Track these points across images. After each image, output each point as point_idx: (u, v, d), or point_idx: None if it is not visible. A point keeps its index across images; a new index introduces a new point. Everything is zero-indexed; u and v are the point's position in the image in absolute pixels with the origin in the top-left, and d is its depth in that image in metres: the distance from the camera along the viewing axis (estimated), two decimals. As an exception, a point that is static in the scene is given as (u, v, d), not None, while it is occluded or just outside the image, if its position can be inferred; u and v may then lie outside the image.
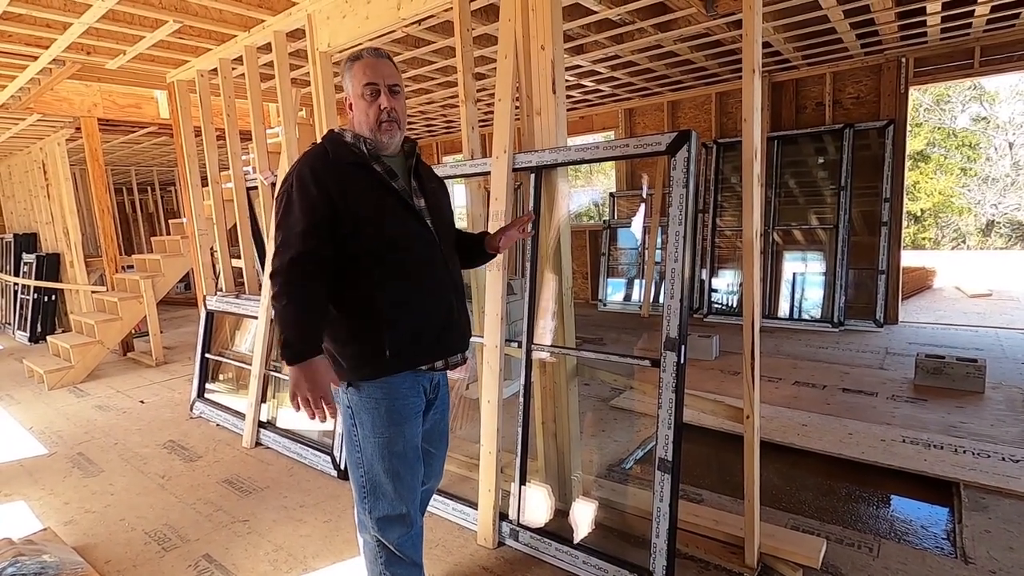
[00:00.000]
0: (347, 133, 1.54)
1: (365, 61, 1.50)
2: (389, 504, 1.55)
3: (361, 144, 1.51)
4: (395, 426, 1.51)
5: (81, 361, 4.96)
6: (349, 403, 1.54)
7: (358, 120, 1.53)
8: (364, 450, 1.54)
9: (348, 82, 1.52)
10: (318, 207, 1.41)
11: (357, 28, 2.89)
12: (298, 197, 1.42)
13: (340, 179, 1.44)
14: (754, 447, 1.85)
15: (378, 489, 1.54)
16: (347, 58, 1.54)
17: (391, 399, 1.50)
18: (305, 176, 1.44)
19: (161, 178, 10.45)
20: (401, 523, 1.57)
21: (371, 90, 1.49)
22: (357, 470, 1.57)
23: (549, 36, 2.14)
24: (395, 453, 1.52)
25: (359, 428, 1.53)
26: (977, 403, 3.38)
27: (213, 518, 2.54)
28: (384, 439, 1.51)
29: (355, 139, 1.52)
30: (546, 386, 2.36)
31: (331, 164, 1.47)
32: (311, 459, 3.00)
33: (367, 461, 1.54)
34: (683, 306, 1.78)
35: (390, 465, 1.52)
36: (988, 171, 16.53)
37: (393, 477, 1.53)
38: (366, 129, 1.52)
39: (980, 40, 4.75)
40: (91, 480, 3.00)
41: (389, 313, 1.47)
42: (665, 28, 4.07)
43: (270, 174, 3.63)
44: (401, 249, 1.49)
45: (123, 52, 3.69)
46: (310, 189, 1.42)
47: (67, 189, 6.17)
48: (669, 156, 1.84)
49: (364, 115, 1.51)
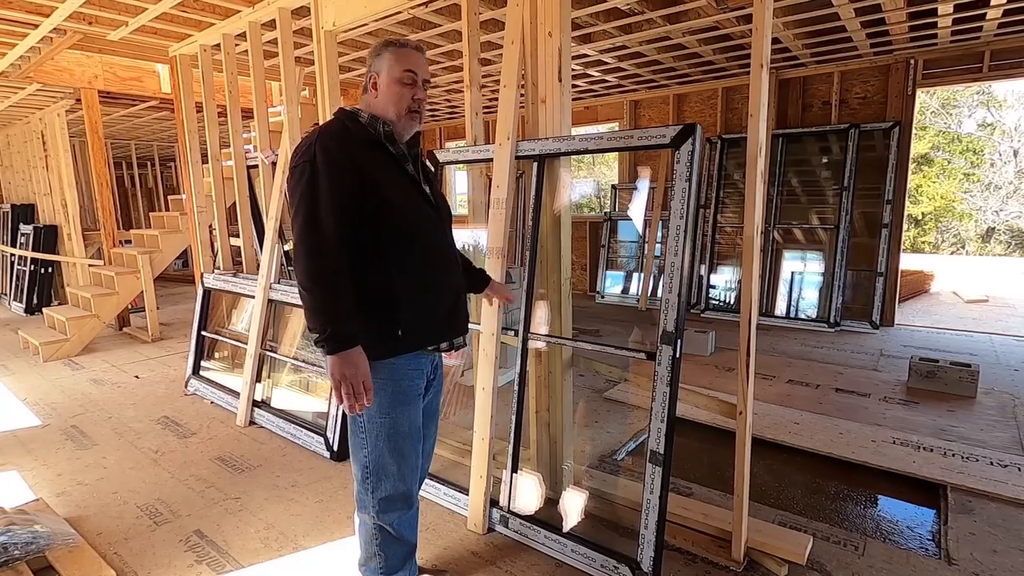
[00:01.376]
0: (362, 113, 1.52)
1: (409, 50, 1.52)
2: (392, 484, 1.57)
3: (379, 126, 1.50)
4: (401, 407, 1.54)
5: (77, 334, 4.96)
6: None
7: (385, 102, 1.51)
8: (369, 431, 1.54)
9: (384, 64, 1.50)
10: (346, 184, 1.38)
11: (363, 8, 2.85)
12: (325, 172, 1.37)
13: (363, 156, 1.43)
14: (745, 443, 1.86)
15: (382, 470, 1.56)
16: (385, 41, 1.53)
17: (396, 380, 1.52)
18: (331, 150, 1.39)
19: (161, 153, 10.38)
20: (403, 502, 1.60)
21: (410, 77, 1.51)
22: (360, 451, 1.57)
23: (557, 23, 2.11)
24: (401, 433, 1.54)
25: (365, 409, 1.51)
26: (969, 407, 3.40)
27: (205, 494, 2.55)
28: (390, 419, 1.53)
29: (371, 120, 1.50)
30: (541, 375, 2.37)
31: (353, 140, 1.45)
32: (304, 440, 3.01)
33: (372, 442, 1.55)
34: (681, 300, 1.78)
35: (396, 445, 1.54)
36: (991, 177, 16.50)
37: (398, 457, 1.55)
38: (392, 113, 1.51)
39: (991, 44, 4.72)
40: (84, 453, 3.00)
41: (404, 293, 1.48)
42: (674, 20, 4.03)
43: (271, 153, 3.60)
44: (418, 231, 1.51)
45: (125, 23, 3.64)
46: (337, 164, 1.38)
47: (66, 161, 6.12)
48: (673, 149, 1.83)
49: (397, 98, 1.50)
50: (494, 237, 2.29)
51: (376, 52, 1.52)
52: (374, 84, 1.52)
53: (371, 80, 1.53)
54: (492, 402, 2.25)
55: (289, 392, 3.42)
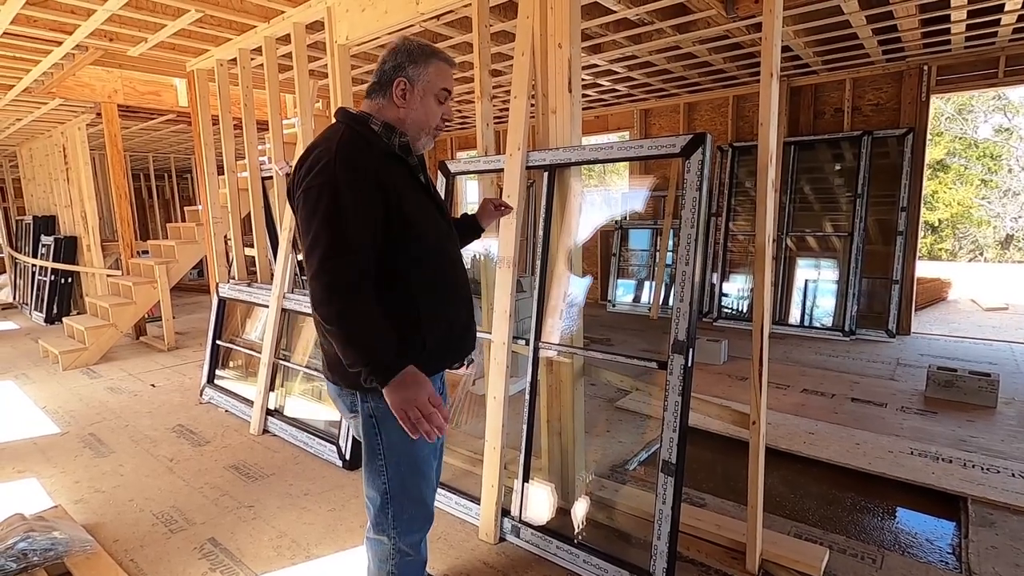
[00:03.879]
0: (374, 120, 1.38)
1: (449, 67, 1.44)
2: (414, 506, 1.52)
3: (395, 137, 1.38)
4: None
5: (95, 343, 5.04)
6: (372, 412, 1.42)
7: (416, 115, 1.40)
8: (388, 458, 1.45)
9: (425, 75, 1.38)
10: (372, 204, 1.26)
11: (376, 22, 2.90)
12: (348, 189, 1.23)
13: (384, 171, 1.31)
14: (759, 453, 1.84)
15: (404, 494, 1.49)
16: (430, 49, 1.40)
17: None
18: (356, 165, 1.27)
19: (178, 165, 10.57)
20: (426, 521, 1.57)
21: (445, 95, 1.43)
22: (379, 478, 1.47)
23: (567, 34, 2.13)
24: (422, 456, 1.48)
25: (384, 436, 1.43)
26: (989, 418, 3.33)
27: (219, 502, 2.57)
28: (410, 444, 1.42)
29: (385, 129, 1.37)
30: (552, 385, 2.37)
31: (373, 153, 1.32)
32: (317, 448, 3.03)
33: (392, 468, 1.46)
34: (692, 309, 1.78)
35: (418, 469, 1.49)
36: (1009, 183, 16.24)
37: (420, 479, 1.50)
38: (419, 126, 1.41)
39: (1005, 49, 4.67)
40: (101, 460, 3.05)
41: (425, 318, 1.39)
42: (684, 29, 4.04)
43: (285, 164, 3.66)
44: (438, 251, 1.44)
45: (145, 40, 3.74)
46: (362, 182, 1.25)
47: (86, 173, 6.26)
48: (683, 159, 1.84)
49: (430, 114, 1.42)
50: (505, 247, 2.31)
51: (413, 58, 1.37)
52: (403, 93, 1.37)
53: (399, 87, 1.37)
54: (503, 411, 2.25)
55: (302, 400, 3.45)
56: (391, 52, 1.39)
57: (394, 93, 1.37)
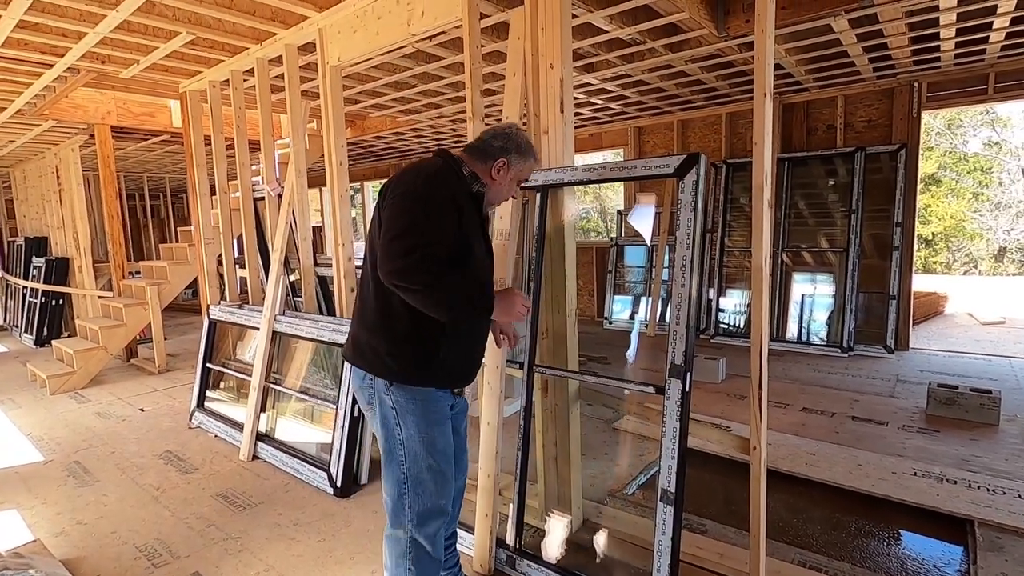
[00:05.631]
0: (465, 166, 1.65)
1: (536, 164, 1.80)
2: (430, 498, 1.64)
3: (478, 186, 1.65)
4: (437, 425, 1.64)
5: (84, 367, 4.96)
6: (393, 404, 1.61)
7: (498, 189, 1.69)
8: (408, 448, 1.62)
9: (519, 164, 1.68)
10: (450, 227, 1.51)
11: (367, 43, 2.89)
12: (436, 206, 1.50)
13: (466, 209, 1.58)
14: (760, 481, 1.78)
15: (420, 485, 1.63)
16: (529, 148, 1.71)
17: (429, 401, 1.63)
18: (444, 185, 1.55)
19: (173, 185, 10.57)
20: (441, 515, 1.67)
21: (519, 186, 1.77)
22: (399, 467, 1.63)
23: (558, 55, 2.12)
24: (438, 450, 1.64)
25: (403, 427, 1.61)
26: (991, 436, 3.28)
27: (205, 534, 2.49)
28: (428, 437, 1.62)
29: (472, 177, 1.64)
30: (548, 408, 2.31)
31: (462, 192, 1.60)
32: (308, 475, 2.95)
33: (410, 458, 1.62)
34: (690, 331, 1.73)
35: (434, 462, 1.63)
36: (1000, 196, 16.37)
37: (435, 473, 1.63)
38: (497, 197, 1.72)
39: (995, 66, 4.71)
40: (85, 490, 2.96)
41: (451, 332, 1.59)
42: (676, 48, 4.06)
43: (277, 185, 3.63)
44: (482, 281, 1.66)
45: (137, 62, 3.73)
46: (447, 200, 1.53)
47: (79, 194, 6.23)
48: (677, 179, 1.81)
49: (508, 192, 1.74)
50: (498, 268, 2.26)
51: (521, 151, 1.68)
52: (499, 170, 1.67)
53: (499, 164, 1.66)
54: (497, 437, 2.19)
55: (293, 425, 3.38)
56: (503, 135, 1.68)
57: (493, 167, 1.67)
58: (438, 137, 7.51)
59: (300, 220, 3.52)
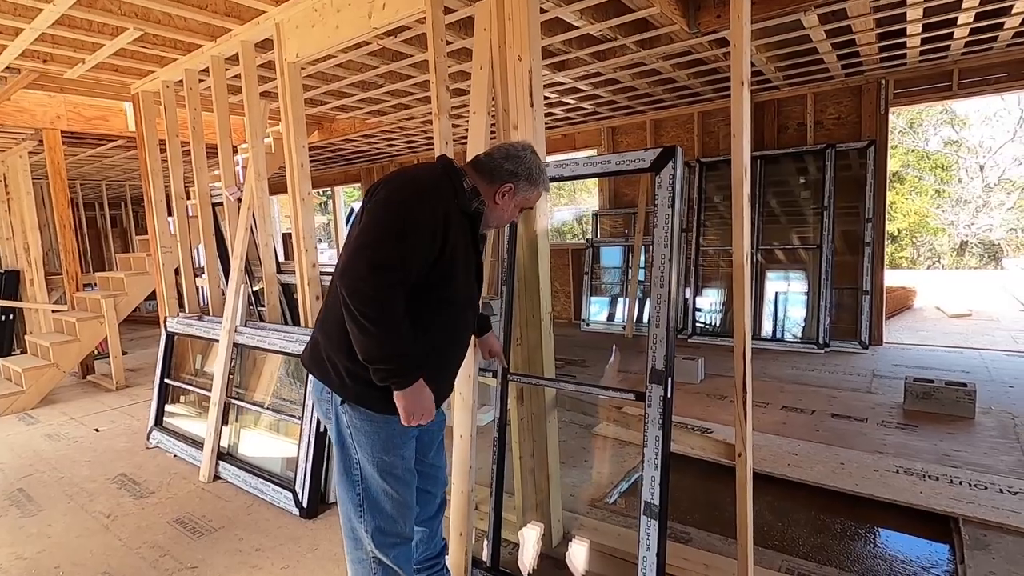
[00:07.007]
0: (467, 180, 1.53)
1: (544, 194, 1.68)
2: (385, 520, 1.56)
3: (477, 204, 1.53)
4: (394, 451, 1.53)
5: (34, 386, 4.67)
6: (348, 423, 1.51)
7: (499, 213, 1.59)
8: (363, 468, 1.53)
9: (526, 190, 1.58)
10: (429, 248, 1.40)
11: (327, 38, 2.75)
12: (417, 228, 1.38)
13: (455, 230, 1.45)
14: (747, 488, 1.70)
15: (375, 506, 1.55)
16: (541, 177, 1.60)
17: (390, 425, 1.50)
18: (434, 206, 1.41)
19: (133, 193, 10.17)
20: (401, 540, 1.59)
21: (522, 209, 1.67)
22: (353, 488, 1.55)
23: (526, 46, 2.02)
24: (394, 476, 1.54)
25: (357, 449, 1.52)
26: (969, 429, 3.28)
27: (158, 565, 2.31)
28: (385, 464, 1.52)
29: (473, 193, 1.52)
30: (524, 418, 2.20)
31: (454, 210, 1.46)
32: (272, 496, 2.78)
33: (364, 480, 1.54)
34: (670, 335, 1.64)
35: (388, 486, 1.53)
36: (960, 192, 16.90)
37: (390, 498, 1.54)
38: (497, 219, 1.61)
39: (959, 63, 4.78)
40: (28, 520, 2.74)
41: (426, 355, 1.47)
42: (648, 45, 4.00)
43: (236, 189, 3.45)
44: (456, 307, 1.55)
45: (82, 61, 3.51)
46: (430, 228, 1.40)
47: (28, 203, 5.89)
48: (653, 174, 1.72)
49: (509, 216, 1.63)
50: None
51: (531, 178, 1.57)
52: (504, 195, 1.56)
53: (507, 185, 1.55)
54: (471, 450, 2.07)
55: (258, 439, 3.19)
56: (515, 157, 1.56)
57: (499, 190, 1.56)
58: (409, 139, 7.36)
59: (261, 225, 3.35)
